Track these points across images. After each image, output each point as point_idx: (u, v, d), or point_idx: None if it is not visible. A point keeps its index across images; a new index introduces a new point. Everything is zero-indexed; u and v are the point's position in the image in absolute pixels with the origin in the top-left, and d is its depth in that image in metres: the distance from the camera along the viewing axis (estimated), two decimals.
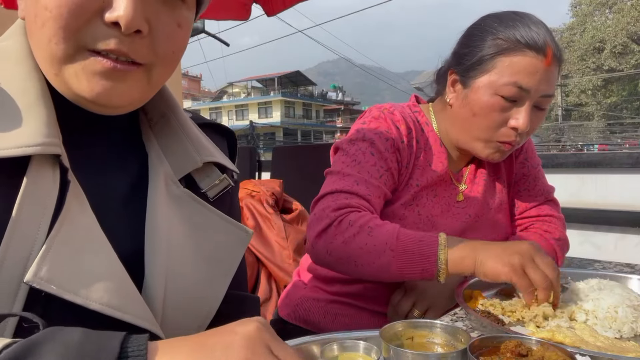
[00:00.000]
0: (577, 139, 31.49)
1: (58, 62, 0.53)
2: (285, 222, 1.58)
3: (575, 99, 33.70)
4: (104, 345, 0.41)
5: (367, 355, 0.60)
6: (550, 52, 0.96)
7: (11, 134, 0.49)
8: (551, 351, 0.58)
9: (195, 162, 0.66)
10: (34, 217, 0.49)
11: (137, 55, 0.55)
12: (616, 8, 31.98)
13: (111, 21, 0.52)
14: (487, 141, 1.03)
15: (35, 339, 0.40)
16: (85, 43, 0.53)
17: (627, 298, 0.80)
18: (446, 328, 0.65)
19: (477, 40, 1.02)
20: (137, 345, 0.42)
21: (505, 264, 0.82)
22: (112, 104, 0.56)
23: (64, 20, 0.51)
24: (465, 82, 1.03)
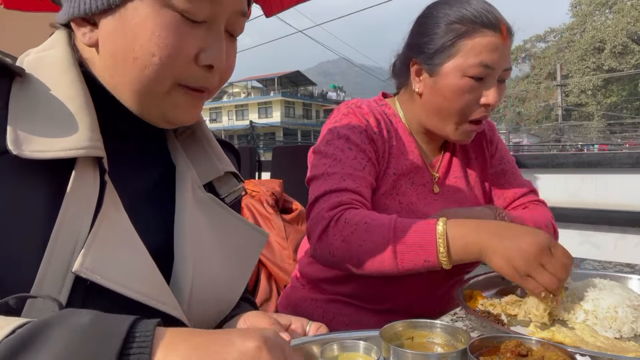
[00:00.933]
0: (577, 139, 31.49)
1: (153, 98, 0.61)
2: (285, 222, 1.58)
3: (575, 99, 33.70)
4: (112, 329, 0.42)
5: (367, 355, 0.60)
6: (504, 28, 1.00)
7: (60, 138, 0.55)
8: (551, 351, 0.58)
9: (217, 171, 0.74)
10: (78, 213, 0.54)
11: (211, 85, 0.64)
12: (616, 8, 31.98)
13: (206, 64, 0.61)
14: (460, 123, 1.06)
15: (47, 320, 0.42)
16: (179, 81, 0.61)
17: (627, 298, 0.80)
18: (446, 328, 0.65)
19: (434, 28, 1.05)
20: (145, 331, 0.43)
21: (510, 267, 0.81)
22: (186, 124, 0.67)
23: (168, 65, 0.58)
24: (431, 70, 1.06)
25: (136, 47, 0.58)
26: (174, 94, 0.62)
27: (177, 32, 0.58)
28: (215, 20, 0.61)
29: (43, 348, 0.40)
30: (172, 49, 0.58)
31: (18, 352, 0.40)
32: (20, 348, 0.40)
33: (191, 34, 0.59)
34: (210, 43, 0.61)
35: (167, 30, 0.57)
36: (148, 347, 0.42)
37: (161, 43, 0.57)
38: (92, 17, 0.60)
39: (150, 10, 0.57)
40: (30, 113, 0.55)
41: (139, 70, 0.59)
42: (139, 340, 0.42)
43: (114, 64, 0.61)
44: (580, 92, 33.22)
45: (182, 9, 0.58)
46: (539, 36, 38.81)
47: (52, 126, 0.55)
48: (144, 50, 0.57)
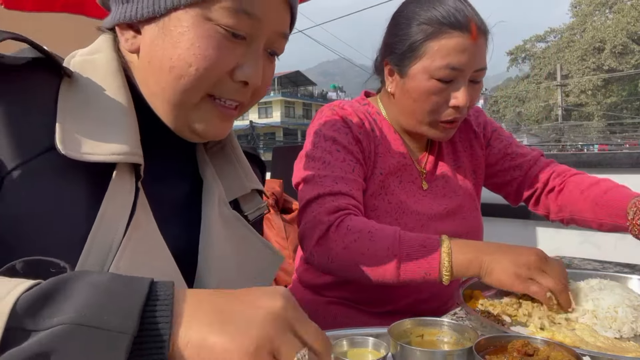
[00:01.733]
0: (577, 139, 31.49)
1: (184, 108, 0.62)
2: (285, 222, 1.58)
3: (575, 99, 33.69)
4: (134, 286, 0.42)
5: (377, 351, 0.60)
6: (474, 27, 0.97)
7: (104, 141, 0.56)
8: (557, 351, 0.58)
9: (244, 188, 0.75)
10: (114, 216, 0.55)
11: (244, 100, 0.65)
12: (616, 8, 31.98)
13: (241, 80, 0.62)
14: (431, 123, 1.05)
15: (64, 276, 0.42)
16: (213, 93, 0.62)
17: (627, 298, 0.80)
18: (455, 326, 0.65)
19: (404, 28, 1.03)
20: (165, 290, 0.43)
21: (511, 276, 0.82)
22: (216, 138, 0.68)
23: (203, 77, 0.59)
24: (401, 71, 1.05)
25: (174, 56, 0.59)
26: (203, 107, 0.63)
27: (217, 45, 0.59)
28: (256, 38, 0.62)
29: (66, 301, 0.40)
30: (210, 61, 0.59)
31: (38, 307, 0.39)
32: (41, 303, 0.39)
33: (230, 49, 0.60)
34: (248, 60, 0.62)
35: (207, 42, 0.58)
36: (170, 305, 0.42)
37: (199, 54, 0.58)
38: (136, 24, 0.62)
39: (192, 22, 0.58)
40: (77, 114, 0.57)
41: (174, 79, 0.60)
42: (162, 298, 0.42)
43: (151, 71, 0.62)
44: (580, 92, 33.21)
45: (224, 23, 0.59)
46: (539, 36, 38.81)
47: (98, 129, 0.57)
48: (181, 60, 0.59)
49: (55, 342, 0.38)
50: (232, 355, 0.41)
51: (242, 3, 0.59)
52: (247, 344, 0.41)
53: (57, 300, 0.40)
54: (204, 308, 0.43)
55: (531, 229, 2.10)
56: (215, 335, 0.41)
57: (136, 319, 0.40)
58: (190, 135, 0.66)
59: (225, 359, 0.41)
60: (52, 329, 0.38)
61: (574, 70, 33.46)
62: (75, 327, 0.38)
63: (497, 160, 1.23)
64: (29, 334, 0.38)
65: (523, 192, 1.23)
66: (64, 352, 0.38)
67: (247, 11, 0.59)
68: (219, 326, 0.42)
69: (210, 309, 0.43)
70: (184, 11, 0.58)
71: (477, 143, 1.23)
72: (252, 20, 0.60)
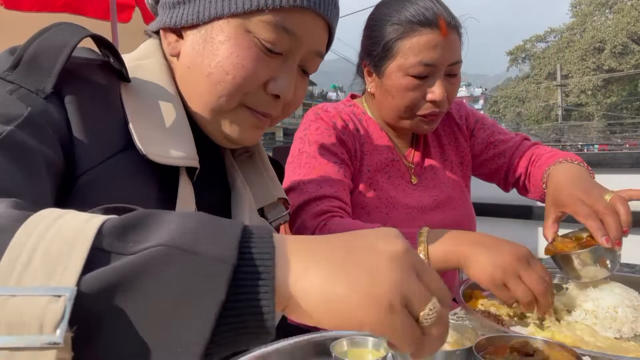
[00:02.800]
0: (577, 139, 31.50)
1: (219, 113, 0.65)
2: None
3: (575, 99, 33.71)
4: (226, 221, 0.37)
5: (376, 350, 0.61)
6: (442, 24, 1.00)
7: (171, 146, 0.59)
8: (557, 351, 0.58)
9: (272, 197, 0.77)
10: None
11: (274, 113, 0.67)
12: (616, 8, 32.00)
13: (274, 93, 0.64)
14: (410, 118, 1.08)
15: (154, 210, 0.38)
16: (245, 103, 0.64)
17: (627, 298, 0.80)
18: (455, 326, 0.65)
19: (377, 30, 1.07)
20: (262, 230, 0.37)
21: (486, 276, 0.79)
22: (247, 144, 0.70)
23: (239, 86, 0.61)
24: (378, 71, 1.09)
25: (213, 63, 0.61)
26: (238, 113, 0.65)
27: (254, 57, 0.61)
28: (292, 54, 0.64)
29: (157, 229, 0.35)
30: (246, 71, 0.61)
31: (129, 231, 0.35)
32: (133, 226, 0.35)
33: (266, 62, 0.62)
34: (282, 74, 0.64)
35: (245, 53, 0.61)
36: (270, 243, 0.36)
37: (238, 63, 0.60)
38: (179, 29, 0.64)
39: (234, 32, 0.60)
40: (144, 117, 0.59)
41: (211, 84, 0.62)
42: (258, 234, 0.36)
43: (189, 76, 0.64)
44: (580, 92, 33.23)
45: (263, 37, 0.61)
46: (539, 36, 38.83)
47: (161, 134, 0.60)
48: (219, 68, 0.61)
49: (149, 265, 0.32)
50: (367, 313, 0.35)
51: (282, 19, 0.60)
52: (380, 297, 0.36)
53: (147, 227, 0.35)
54: (318, 253, 0.38)
55: (531, 229, 2.10)
56: (342, 285, 0.36)
57: (236, 247, 0.34)
58: (222, 140, 0.68)
59: (358, 317, 0.36)
60: (145, 252, 0.33)
61: (574, 70, 33.47)
62: (170, 249, 0.33)
63: (482, 149, 1.25)
64: (117, 257, 0.33)
65: (510, 179, 1.24)
66: (155, 277, 0.32)
67: (287, 28, 0.61)
68: (342, 277, 0.36)
69: (327, 255, 0.37)
70: (226, 21, 0.61)
71: (461, 135, 1.25)
72: (290, 37, 0.62)
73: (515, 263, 0.77)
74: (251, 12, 0.60)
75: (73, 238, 0.33)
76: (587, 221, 0.83)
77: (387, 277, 0.36)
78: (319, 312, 0.36)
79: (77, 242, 0.33)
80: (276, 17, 0.60)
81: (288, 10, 0.60)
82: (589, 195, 0.87)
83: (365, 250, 0.38)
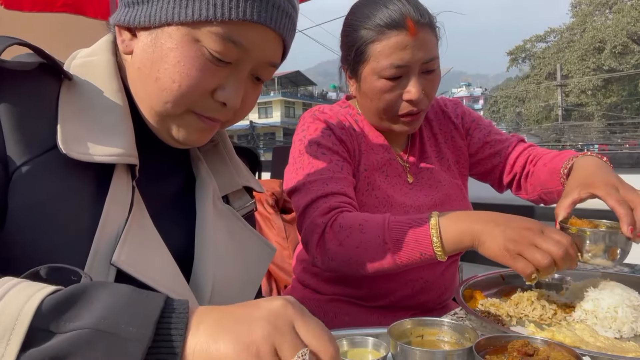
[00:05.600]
0: (577, 139, 31.49)
1: (165, 117, 0.65)
2: (285, 222, 1.58)
3: (575, 99, 33.70)
4: (152, 298, 0.44)
5: (376, 351, 0.61)
6: (410, 23, 1.00)
7: (103, 143, 0.59)
8: (557, 351, 0.58)
9: (236, 185, 0.79)
10: (117, 213, 0.59)
11: (225, 118, 0.68)
12: (616, 8, 31.99)
13: (220, 101, 0.64)
14: (391, 119, 1.09)
15: (86, 284, 0.45)
16: (192, 109, 0.64)
17: (627, 298, 0.80)
18: (455, 326, 0.65)
19: (350, 35, 1.08)
20: (181, 304, 0.45)
21: (501, 249, 0.79)
22: (195, 146, 0.70)
23: (185, 94, 0.62)
24: (355, 76, 1.10)
25: (161, 69, 0.61)
26: (186, 118, 0.65)
27: (201, 67, 0.61)
28: (241, 64, 0.64)
29: (87, 307, 0.42)
30: (192, 80, 0.61)
31: (61, 311, 0.41)
32: (64, 307, 0.42)
33: (214, 71, 0.62)
34: (230, 83, 0.64)
35: (192, 63, 0.61)
36: (185, 318, 0.44)
37: (183, 72, 0.61)
38: (134, 29, 0.64)
39: (182, 41, 0.60)
40: (77, 116, 0.59)
41: (158, 90, 0.62)
42: (177, 311, 0.44)
43: (138, 77, 0.65)
44: (580, 92, 33.21)
45: (211, 48, 0.60)
46: (539, 36, 38.81)
47: (96, 131, 0.60)
48: (166, 74, 0.61)
49: (74, 346, 0.40)
50: (238, 357, 0.42)
51: (230, 31, 0.60)
52: (249, 343, 0.42)
53: (79, 306, 0.42)
54: (209, 318, 0.45)
55: None
56: (218, 341, 0.43)
57: (152, 329, 0.41)
58: (170, 141, 0.68)
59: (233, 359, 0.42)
60: (72, 333, 0.40)
61: (574, 70, 33.46)
62: (95, 332, 0.40)
63: (478, 149, 1.25)
64: (52, 336, 0.40)
65: (504, 178, 1.24)
66: (81, 356, 0.40)
67: (235, 40, 0.61)
68: (221, 332, 0.43)
69: (215, 318, 0.45)
70: (176, 28, 0.60)
71: (457, 134, 1.25)
72: (239, 49, 0.62)
73: (527, 233, 0.79)
74: (200, 22, 0.59)
75: (14, 319, 0.40)
76: (618, 207, 0.81)
77: (259, 327, 0.43)
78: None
79: (17, 323, 0.40)
80: (224, 29, 0.60)
81: (237, 23, 0.60)
82: (623, 184, 0.87)
83: (249, 308, 0.46)
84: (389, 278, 1.07)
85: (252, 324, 0.43)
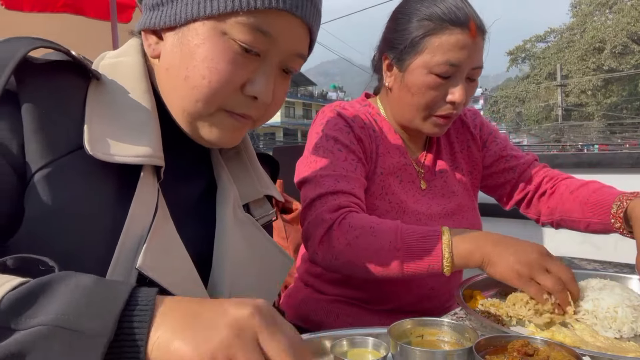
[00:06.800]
0: (577, 139, 31.47)
1: (197, 117, 0.64)
2: (285, 222, 1.58)
3: (575, 99, 33.68)
4: (115, 292, 0.43)
5: (376, 351, 0.61)
6: (473, 26, 1.00)
7: (130, 144, 0.58)
8: (557, 351, 0.58)
9: (257, 193, 0.78)
10: (142, 215, 0.58)
11: (256, 115, 0.67)
12: (616, 8, 31.97)
13: (251, 95, 0.63)
14: (426, 117, 1.07)
15: (49, 277, 0.43)
16: (223, 106, 0.63)
17: (627, 298, 0.80)
18: (455, 326, 0.65)
19: (405, 23, 1.05)
20: (147, 296, 0.44)
21: (514, 272, 0.82)
22: (227, 146, 0.69)
23: (215, 91, 0.61)
24: (400, 66, 1.07)
25: (189, 67, 0.61)
26: (218, 116, 0.64)
27: (230, 60, 0.60)
28: (270, 55, 0.63)
29: (48, 302, 0.41)
30: (222, 75, 0.60)
31: (21, 307, 0.41)
32: (24, 303, 0.41)
33: (243, 64, 0.61)
34: (259, 76, 0.63)
35: (221, 56, 0.60)
36: (149, 311, 0.43)
37: (213, 67, 0.60)
38: (159, 31, 0.64)
39: (209, 35, 0.60)
40: (104, 116, 0.59)
41: (188, 88, 0.61)
42: (142, 304, 0.43)
43: (168, 78, 0.64)
44: (580, 92, 33.20)
45: (239, 39, 0.60)
46: (539, 36, 38.79)
47: (124, 132, 0.59)
48: (195, 71, 0.60)
49: (33, 343, 0.39)
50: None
51: (257, 20, 0.60)
52: (204, 350, 0.41)
53: (39, 301, 0.41)
54: (175, 313, 0.44)
55: (531, 229, 2.09)
56: (178, 339, 0.42)
57: (113, 323, 0.40)
58: (202, 142, 0.68)
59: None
60: (31, 329, 0.39)
61: (574, 71, 33.44)
62: (54, 328, 0.40)
63: (493, 162, 1.25)
64: (11, 333, 0.39)
65: (515, 195, 1.25)
66: (41, 353, 0.39)
67: (263, 29, 0.60)
68: (182, 331, 0.42)
69: (180, 314, 0.44)
70: (202, 23, 0.60)
71: (474, 144, 1.24)
72: (267, 39, 0.61)
73: (539, 258, 0.82)
74: (226, 14, 0.59)
75: None
76: None
77: (219, 335, 0.42)
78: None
79: None
80: (251, 18, 0.59)
81: (263, 12, 0.60)
82: None
83: (214, 312, 0.44)
84: (395, 283, 1.06)
85: (213, 331, 0.42)
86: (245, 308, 0.44)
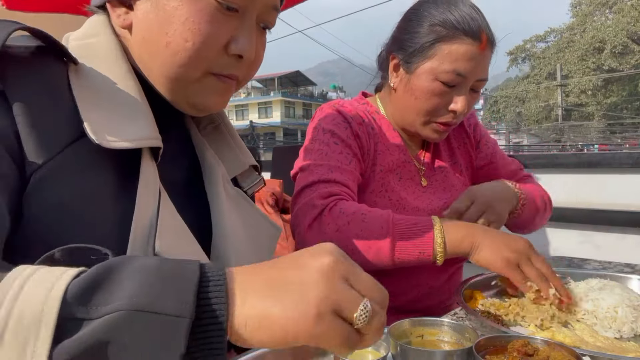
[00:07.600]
0: (577, 139, 31.46)
1: (183, 84, 0.62)
2: (285, 222, 1.58)
3: (575, 99, 33.67)
4: (184, 269, 0.40)
5: (376, 351, 0.60)
6: (484, 38, 1.00)
7: (126, 128, 0.56)
8: (557, 351, 0.58)
9: (243, 166, 0.78)
10: (148, 200, 0.56)
11: (241, 75, 0.66)
12: (616, 8, 31.97)
13: (235, 54, 0.62)
14: (426, 122, 1.08)
15: (110, 263, 0.40)
16: (210, 69, 0.62)
17: (627, 298, 0.80)
18: (454, 326, 0.65)
19: (416, 26, 1.05)
20: (217, 270, 0.41)
21: (502, 258, 0.86)
22: (215, 111, 0.69)
23: (200, 52, 0.59)
24: (408, 68, 1.07)
25: (170, 32, 0.58)
26: (205, 81, 0.63)
27: (211, 19, 0.59)
28: (248, 10, 0.62)
29: (117, 288, 0.37)
30: (205, 35, 0.59)
31: (88, 295, 0.37)
32: (90, 291, 0.37)
33: (224, 22, 0.60)
34: (242, 33, 0.62)
35: (201, 16, 0.58)
36: (223, 286, 0.40)
37: (195, 29, 0.58)
38: (128, 0, 0.61)
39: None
40: (94, 102, 0.56)
41: (171, 55, 0.59)
42: (214, 279, 0.40)
43: (145, 47, 0.62)
44: (580, 92, 33.19)
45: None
46: (539, 36, 38.78)
47: (116, 117, 0.57)
48: (177, 35, 0.58)
49: (112, 331, 0.36)
50: (297, 324, 0.39)
51: None
52: (307, 309, 0.39)
53: (108, 287, 0.37)
54: (255, 283, 0.41)
55: None
56: (273, 307, 0.39)
57: (192, 302, 0.37)
58: (189, 109, 0.67)
59: (290, 330, 0.39)
60: (107, 317, 0.36)
61: (574, 70, 33.43)
62: (132, 313, 0.36)
63: (483, 165, 1.27)
64: (82, 323, 0.36)
65: None
66: (122, 340, 0.36)
67: None
68: (274, 297, 0.40)
69: (262, 282, 0.41)
70: None
71: (469, 142, 1.26)
72: None
73: (526, 247, 0.87)
74: None
75: (38, 313, 0.35)
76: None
77: (314, 289, 0.40)
78: (259, 335, 0.40)
79: (44, 316, 0.35)
80: None
81: None
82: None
83: (296, 270, 0.42)
84: (394, 282, 1.06)
85: (305, 288, 0.40)
86: (324, 256, 0.42)
